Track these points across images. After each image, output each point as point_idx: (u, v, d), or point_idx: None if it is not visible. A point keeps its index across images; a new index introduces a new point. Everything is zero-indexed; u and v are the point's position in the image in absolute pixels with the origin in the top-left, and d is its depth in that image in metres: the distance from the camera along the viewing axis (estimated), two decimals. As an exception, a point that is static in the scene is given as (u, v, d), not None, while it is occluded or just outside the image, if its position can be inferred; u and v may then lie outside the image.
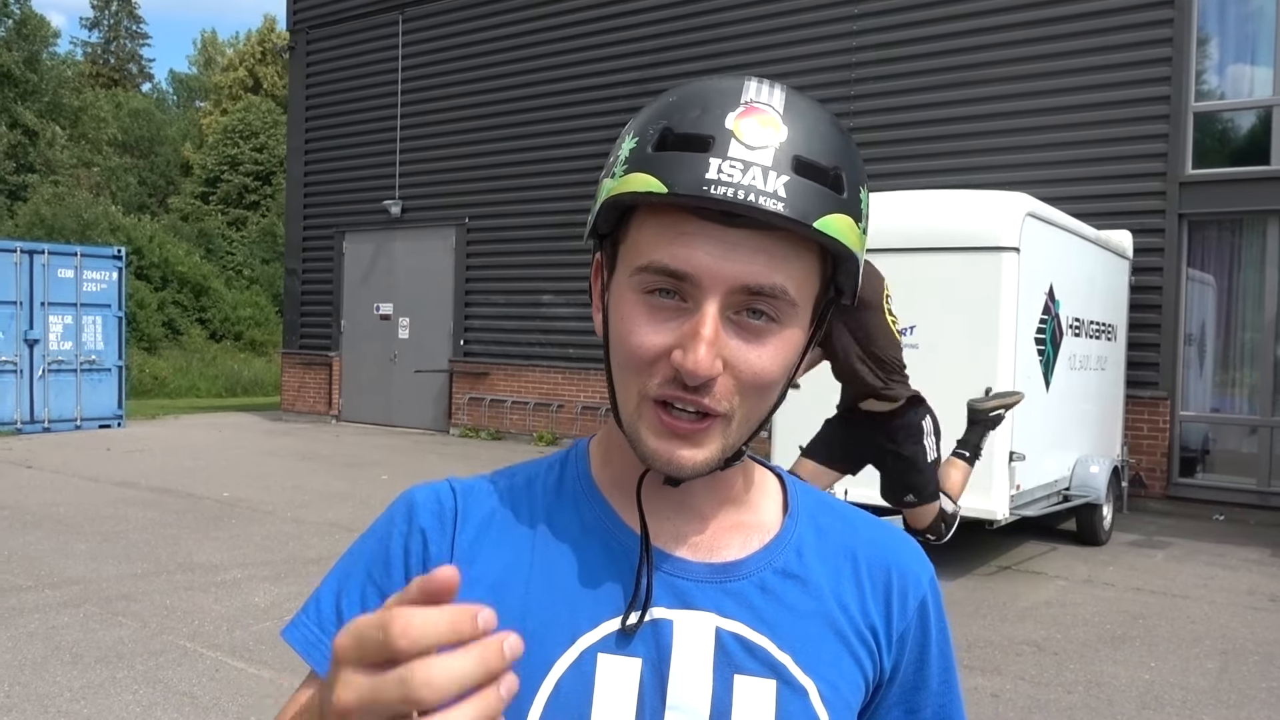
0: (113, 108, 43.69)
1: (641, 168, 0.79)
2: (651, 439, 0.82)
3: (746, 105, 0.79)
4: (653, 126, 0.81)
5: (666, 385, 0.80)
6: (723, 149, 0.77)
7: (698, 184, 0.76)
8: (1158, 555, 8.42)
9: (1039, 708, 4.85)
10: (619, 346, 0.83)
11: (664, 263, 0.79)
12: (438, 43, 15.97)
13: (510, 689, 0.54)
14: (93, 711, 4.52)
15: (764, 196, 0.75)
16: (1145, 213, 10.60)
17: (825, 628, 0.87)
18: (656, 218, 0.80)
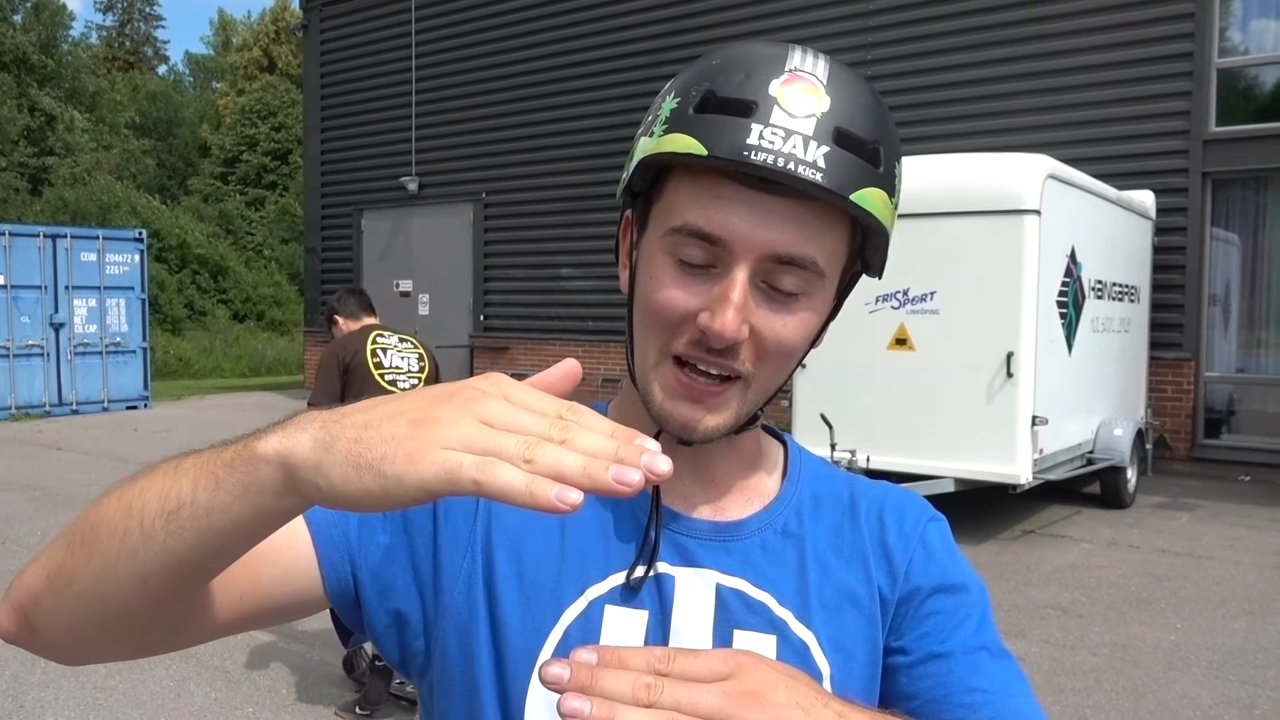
0: (129, 91, 43.85)
1: (682, 128, 0.78)
2: (665, 400, 0.83)
3: (791, 73, 0.78)
4: (695, 88, 0.80)
5: (691, 346, 0.81)
6: (765, 115, 0.76)
7: (738, 149, 0.75)
8: (1183, 517, 8.38)
9: (1064, 671, 4.86)
10: (645, 303, 0.83)
11: (698, 225, 0.79)
12: (451, 16, 15.90)
13: (621, 478, 0.55)
14: (128, 686, 4.60)
15: (803, 166, 0.75)
16: (1168, 172, 10.46)
17: (825, 582, 0.88)
18: (693, 179, 0.80)
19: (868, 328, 7.49)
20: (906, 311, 7.42)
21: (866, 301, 7.47)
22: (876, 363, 7.52)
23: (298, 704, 4.44)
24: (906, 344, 7.46)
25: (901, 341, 7.48)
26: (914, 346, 7.43)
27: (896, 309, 7.44)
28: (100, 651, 0.77)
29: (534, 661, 0.83)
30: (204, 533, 0.66)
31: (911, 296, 7.34)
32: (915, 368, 7.39)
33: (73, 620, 0.73)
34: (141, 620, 0.73)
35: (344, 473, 0.58)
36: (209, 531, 0.66)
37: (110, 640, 0.75)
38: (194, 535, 0.66)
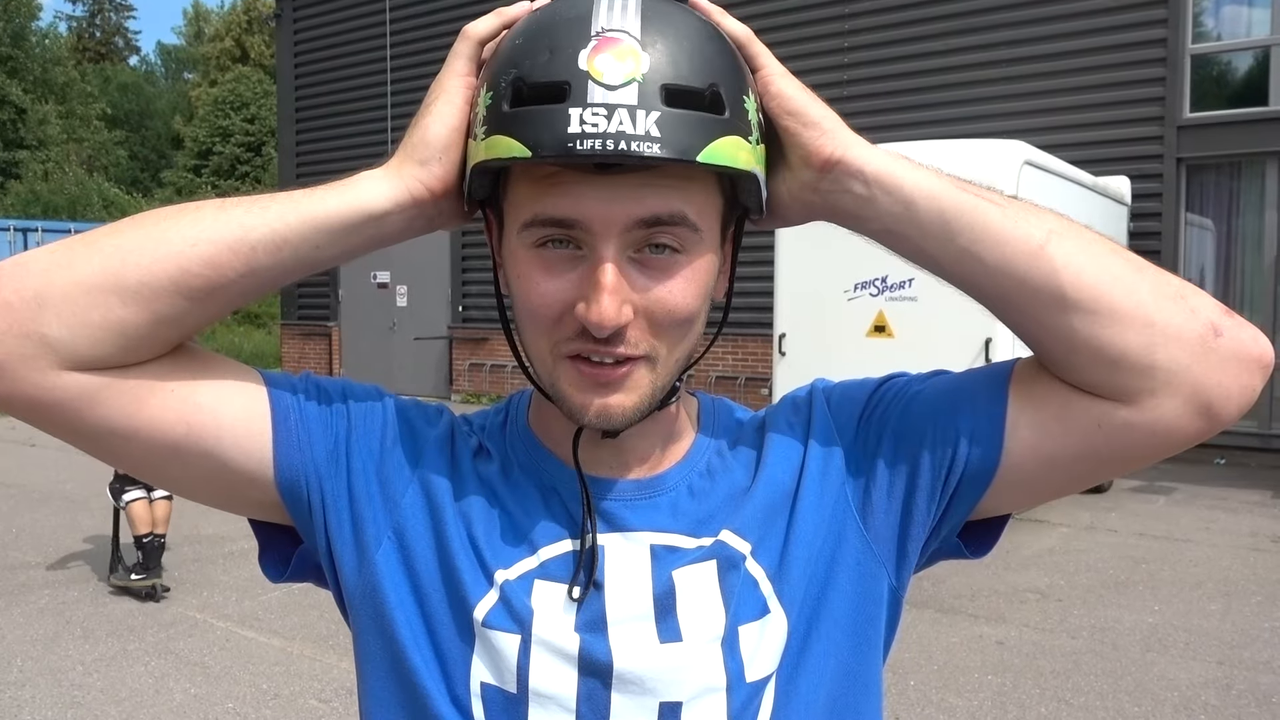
0: (100, 82, 43.34)
1: (501, 128, 0.74)
2: (575, 394, 0.79)
3: (599, 36, 0.72)
4: (504, 76, 0.75)
5: (578, 340, 0.77)
6: (581, 95, 0.70)
7: (560, 142, 0.70)
8: (1159, 500, 8.46)
9: (1044, 654, 4.90)
10: (521, 305, 0.79)
11: (549, 213, 0.75)
12: (426, 5, 15.78)
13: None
14: (106, 684, 4.56)
15: (636, 141, 0.70)
16: (1143, 158, 10.53)
17: (750, 498, 0.87)
18: (530, 173, 0.76)
19: (846, 315, 7.51)
20: (885, 299, 7.44)
21: (845, 289, 7.48)
22: (855, 350, 7.54)
23: (277, 699, 4.41)
24: (885, 331, 7.48)
25: (880, 329, 7.50)
26: (893, 333, 7.45)
27: (875, 296, 7.46)
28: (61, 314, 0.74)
29: (470, 634, 0.82)
30: (304, 218, 0.79)
31: (890, 284, 7.36)
32: (894, 355, 7.41)
33: (71, 275, 0.74)
34: (147, 296, 0.75)
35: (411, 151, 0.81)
36: (309, 220, 0.79)
37: (86, 307, 0.74)
38: (294, 217, 0.78)
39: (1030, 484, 0.85)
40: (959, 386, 0.87)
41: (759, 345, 12.13)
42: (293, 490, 0.85)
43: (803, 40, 12.36)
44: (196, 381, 0.81)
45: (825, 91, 4.36)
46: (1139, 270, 0.79)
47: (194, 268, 0.75)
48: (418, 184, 0.79)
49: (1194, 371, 0.77)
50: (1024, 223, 0.79)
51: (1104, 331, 0.77)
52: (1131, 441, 0.80)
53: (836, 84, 12.11)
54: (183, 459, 0.81)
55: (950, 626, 5.29)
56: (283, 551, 0.91)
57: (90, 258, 0.75)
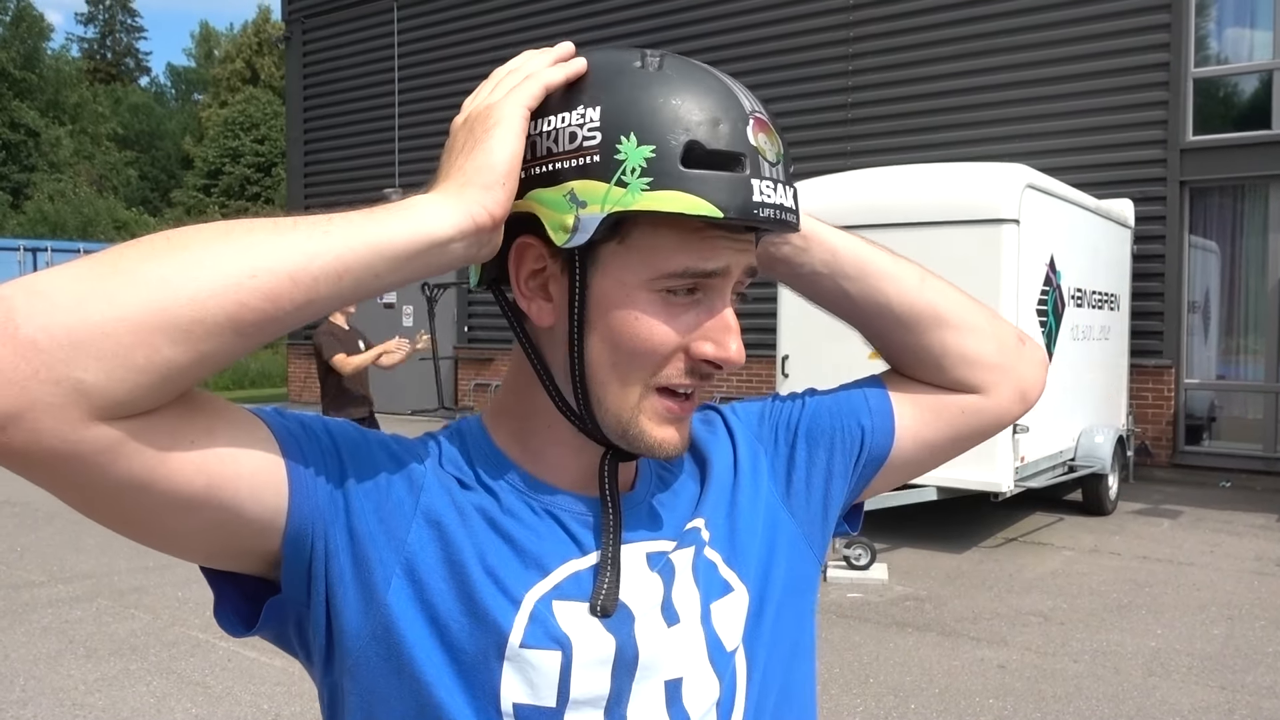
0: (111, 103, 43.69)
1: (674, 184, 0.80)
2: (656, 429, 0.87)
3: (754, 118, 0.84)
4: (672, 136, 0.80)
5: (684, 375, 0.86)
6: (756, 168, 0.82)
7: (748, 208, 0.81)
8: (1164, 523, 8.44)
9: (1045, 678, 4.88)
10: (628, 343, 0.84)
11: (700, 267, 0.83)
12: (433, 28, 15.92)
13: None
14: (108, 703, 4.57)
15: (788, 213, 0.85)
16: (1146, 180, 10.56)
17: (707, 494, 0.97)
18: (676, 226, 0.82)
19: (849, 337, 7.36)
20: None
21: (848, 311, 7.49)
22: (858, 372, 7.46)
23: (278, 719, 4.42)
24: (888, 353, 7.48)
25: (883, 351, 7.50)
26: (895, 355, 7.45)
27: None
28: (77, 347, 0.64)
29: (504, 652, 0.84)
30: (368, 243, 0.75)
31: (892, 306, 7.37)
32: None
33: (92, 307, 0.65)
34: (199, 336, 0.67)
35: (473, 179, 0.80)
36: (374, 246, 0.75)
37: (111, 348, 0.65)
38: (357, 240, 0.74)
39: (907, 466, 1.07)
40: (848, 394, 1.07)
41: (763, 367, 12.14)
42: (298, 539, 0.81)
43: (807, 64, 12.45)
44: (213, 428, 0.75)
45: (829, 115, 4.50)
46: (972, 299, 1.07)
47: (252, 301, 0.68)
48: (481, 210, 0.79)
49: (1018, 368, 1.06)
50: (906, 266, 1.05)
51: (967, 340, 1.04)
52: (982, 422, 1.06)
53: (840, 107, 12.19)
54: (195, 513, 0.74)
55: (952, 650, 5.28)
56: (239, 604, 0.85)
57: (133, 289, 0.66)
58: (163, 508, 0.73)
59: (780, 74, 12.61)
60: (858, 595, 6.26)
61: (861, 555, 6.63)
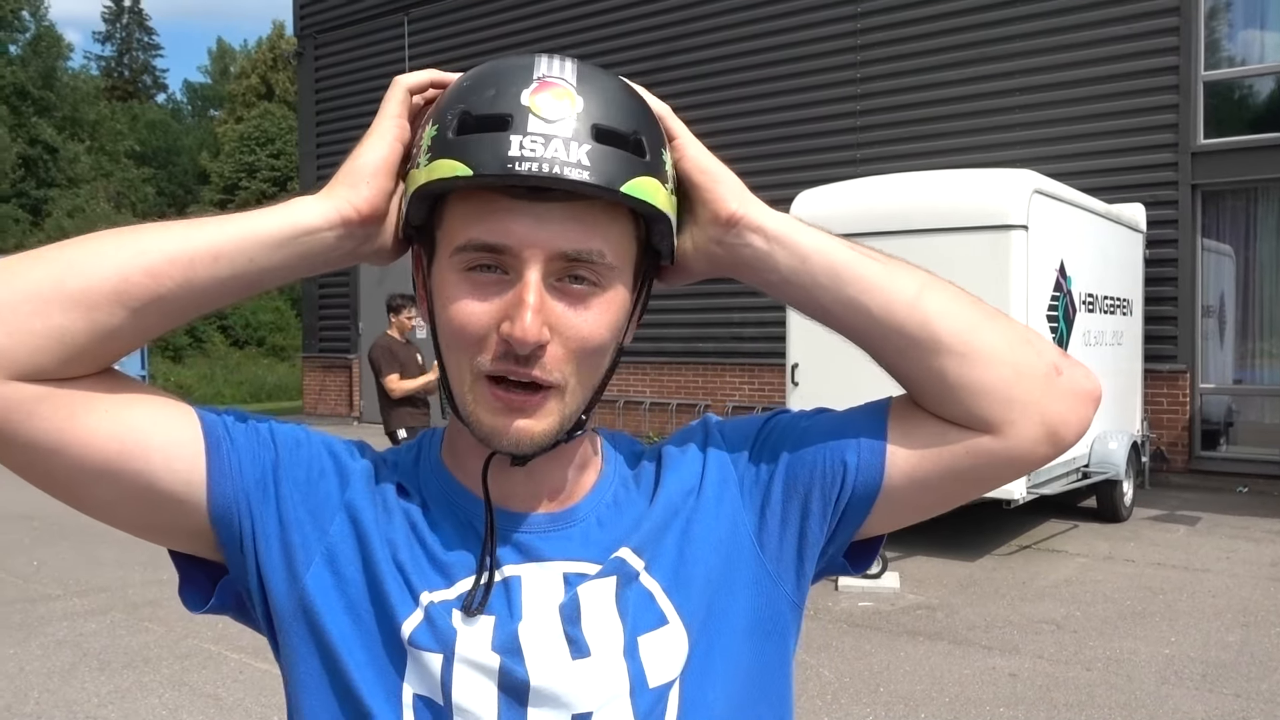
0: (129, 120, 44.10)
1: (445, 153, 0.81)
2: (488, 416, 0.84)
3: (540, 80, 0.81)
4: (451, 111, 0.82)
5: (499, 360, 0.82)
6: (522, 125, 0.79)
7: (501, 162, 0.78)
8: (1179, 530, 8.37)
9: (1057, 686, 4.85)
10: (446, 326, 0.85)
11: (480, 238, 0.81)
12: (444, 42, 16.02)
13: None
14: (120, 716, 4.60)
15: (568, 167, 0.78)
16: (1158, 184, 10.51)
17: (648, 518, 0.93)
18: (467, 200, 0.82)
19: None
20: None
21: (857, 319, 7.48)
22: (868, 380, 7.45)
23: (289, 731, 4.44)
24: (898, 361, 7.46)
25: (893, 358, 7.48)
26: (906, 363, 7.43)
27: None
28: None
29: (401, 661, 0.86)
30: (248, 238, 0.83)
31: (902, 313, 7.36)
32: (907, 384, 7.39)
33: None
34: (88, 305, 0.78)
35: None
36: (253, 238, 0.83)
37: (27, 315, 0.77)
38: (237, 235, 0.83)
39: (906, 505, 0.95)
40: (843, 422, 0.96)
41: (775, 375, 12.13)
42: (224, 516, 0.87)
43: (816, 72, 12.46)
44: (130, 402, 0.83)
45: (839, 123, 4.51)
46: (994, 318, 0.91)
47: (134, 276, 0.79)
48: (347, 204, 0.86)
49: (1042, 404, 0.90)
50: (901, 277, 0.91)
51: (971, 370, 0.89)
52: (993, 464, 0.92)
53: (849, 114, 12.19)
54: (111, 478, 0.82)
55: (963, 658, 5.25)
56: (202, 584, 0.93)
57: (34, 267, 0.78)
58: (79, 471, 0.81)
59: (789, 82, 12.62)
60: (869, 604, 6.24)
61: (873, 564, 6.60)
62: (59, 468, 0.81)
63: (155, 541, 0.91)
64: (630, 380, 13.86)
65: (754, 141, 12.76)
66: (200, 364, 26.19)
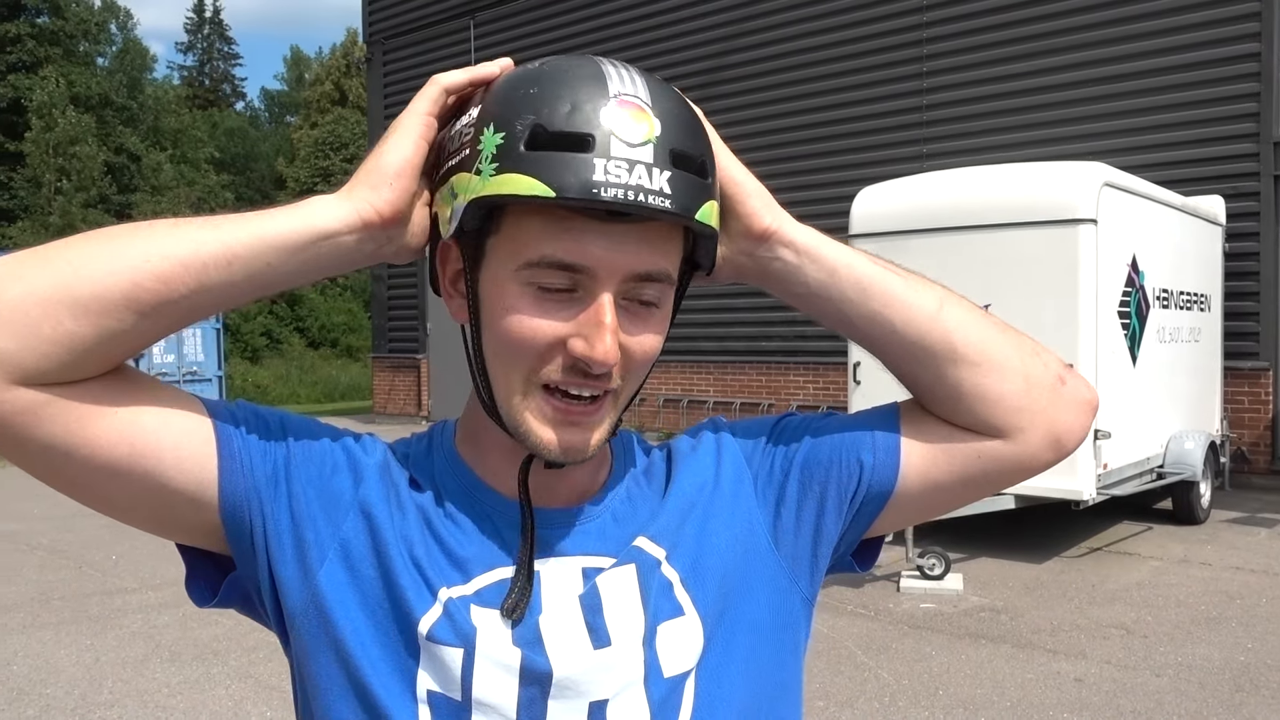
0: (209, 128, 45.36)
1: (517, 167, 0.79)
2: (541, 428, 0.85)
3: (617, 98, 0.80)
4: (519, 120, 0.80)
5: (564, 372, 0.83)
6: (605, 148, 0.78)
7: (586, 187, 0.77)
8: (1260, 533, 8.08)
9: (1125, 692, 4.72)
10: (503, 335, 0.84)
11: (558, 257, 0.80)
12: (510, 45, 16.17)
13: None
14: (188, 705, 4.74)
15: (651, 195, 0.78)
16: (1237, 176, 10.15)
17: (663, 509, 0.94)
18: (539, 215, 0.81)
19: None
20: (961, 325, 7.30)
21: (920, 316, 7.36)
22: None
23: (349, 724, 4.52)
24: (962, 358, 7.33)
25: (957, 356, 7.35)
26: (970, 361, 7.30)
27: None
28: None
29: (414, 657, 0.86)
30: (260, 239, 0.81)
31: (966, 310, 7.22)
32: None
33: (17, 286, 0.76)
34: (98, 310, 0.76)
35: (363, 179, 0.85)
36: (263, 240, 0.81)
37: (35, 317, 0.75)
38: (248, 236, 0.81)
39: (916, 506, 0.99)
40: (855, 424, 0.99)
41: (839, 374, 12.00)
42: (235, 513, 0.87)
43: (881, 66, 12.30)
44: (140, 402, 0.82)
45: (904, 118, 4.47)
46: (1004, 331, 0.96)
47: (146, 282, 0.77)
48: (368, 207, 0.84)
49: (1049, 412, 0.95)
50: (922, 291, 0.95)
51: (985, 380, 0.94)
52: (1002, 469, 0.96)
53: (915, 110, 12.01)
54: (123, 479, 0.82)
55: (1026, 662, 5.14)
56: (209, 578, 0.93)
57: (41, 270, 0.76)
58: (90, 471, 0.81)
59: (854, 77, 12.47)
60: (931, 606, 6.13)
61: (935, 565, 6.50)
62: (69, 470, 0.81)
63: (165, 537, 0.91)
64: (694, 380, 13.83)
65: (818, 139, 12.65)
66: (276, 365, 26.81)
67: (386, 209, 0.85)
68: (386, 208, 0.84)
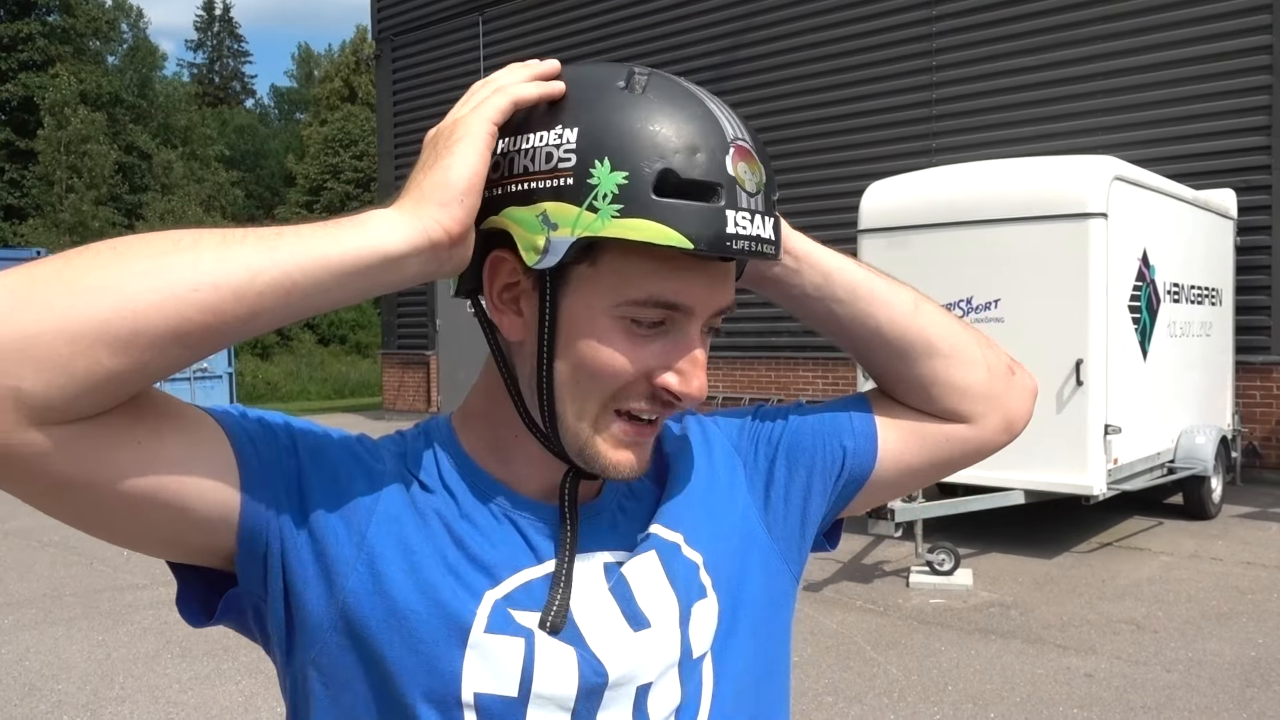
0: (219, 125, 45.49)
1: (649, 214, 0.78)
2: (612, 452, 0.87)
3: (735, 145, 0.82)
4: (646, 164, 0.79)
5: (648, 401, 0.86)
6: (732, 199, 0.80)
7: (721, 240, 0.79)
8: (1271, 528, 8.04)
9: (1135, 688, 4.71)
10: (588, 365, 0.84)
11: (666, 298, 0.83)
12: (518, 40, 16.17)
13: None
14: (199, 701, 4.76)
15: (765, 244, 0.83)
16: (1249, 169, 10.09)
17: (669, 497, 0.96)
18: (650, 255, 0.80)
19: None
20: (971, 320, 7.29)
21: (929, 311, 7.36)
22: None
23: (359, 719, 4.54)
24: (972, 353, 7.32)
25: (967, 351, 7.34)
26: (980, 356, 7.28)
27: (960, 318, 7.31)
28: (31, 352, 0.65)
29: (460, 661, 0.84)
30: (317, 260, 0.74)
31: (975, 305, 7.20)
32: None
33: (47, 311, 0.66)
34: (141, 347, 0.68)
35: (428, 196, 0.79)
36: (323, 263, 0.74)
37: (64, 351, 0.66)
38: (304, 256, 0.73)
39: (887, 487, 1.06)
40: (832, 412, 1.06)
41: (848, 369, 12.00)
42: (252, 535, 0.83)
43: (889, 61, 12.26)
44: (162, 432, 0.76)
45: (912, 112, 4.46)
46: (966, 327, 1.07)
47: (194, 315, 0.69)
48: (437, 227, 0.78)
49: (1004, 399, 1.06)
50: (901, 291, 1.03)
51: (957, 370, 1.03)
52: (965, 450, 1.06)
53: (924, 104, 11.96)
54: (141, 514, 0.76)
55: (1036, 657, 5.13)
56: (201, 596, 0.87)
57: (71, 298, 0.66)
58: (109, 508, 0.75)
59: (862, 72, 12.43)
60: (940, 601, 6.12)
61: (945, 560, 6.49)
62: (84, 507, 0.74)
63: (164, 558, 0.85)
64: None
65: (827, 133, 12.61)
66: (287, 361, 26.89)
67: (456, 228, 0.79)
68: (456, 227, 0.79)
